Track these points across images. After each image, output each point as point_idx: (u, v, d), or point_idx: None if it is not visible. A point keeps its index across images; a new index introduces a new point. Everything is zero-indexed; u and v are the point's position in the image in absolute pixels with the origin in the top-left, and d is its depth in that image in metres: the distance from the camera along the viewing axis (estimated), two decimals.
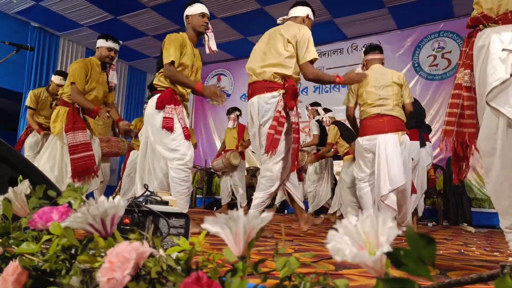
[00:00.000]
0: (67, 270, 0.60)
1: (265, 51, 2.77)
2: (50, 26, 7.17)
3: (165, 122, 2.73)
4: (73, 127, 3.13)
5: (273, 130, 2.57)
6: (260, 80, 2.72)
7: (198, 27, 2.94)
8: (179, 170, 2.73)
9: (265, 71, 2.70)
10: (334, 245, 0.44)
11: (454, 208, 5.38)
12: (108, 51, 3.35)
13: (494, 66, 1.46)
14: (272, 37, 2.78)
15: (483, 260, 1.98)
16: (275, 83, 2.67)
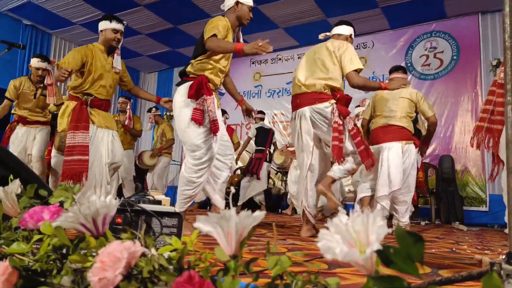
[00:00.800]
0: (58, 270, 0.60)
1: (313, 65, 2.86)
2: (42, 24, 7.11)
3: (195, 114, 2.54)
4: (75, 126, 2.94)
5: (336, 141, 2.64)
6: (310, 91, 2.80)
7: (245, 19, 2.83)
8: (192, 169, 2.57)
9: (315, 83, 2.79)
10: (324, 243, 0.44)
11: (446, 207, 5.43)
12: (114, 33, 3.07)
13: None
14: (319, 52, 2.88)
15: (474, 258, 2.00)
16: (325, 94, 2.77)
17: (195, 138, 2.55)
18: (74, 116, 2.95)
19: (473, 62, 5.98)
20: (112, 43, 3.09)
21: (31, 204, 0.80)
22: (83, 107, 2.98)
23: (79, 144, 2.92)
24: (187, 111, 2.57)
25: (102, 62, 3.06)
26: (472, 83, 5.95)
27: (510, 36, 0.78)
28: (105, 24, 3.10)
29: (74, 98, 3.05)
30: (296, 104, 2.91)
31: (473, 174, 5.74)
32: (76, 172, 2.89)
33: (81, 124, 2.95)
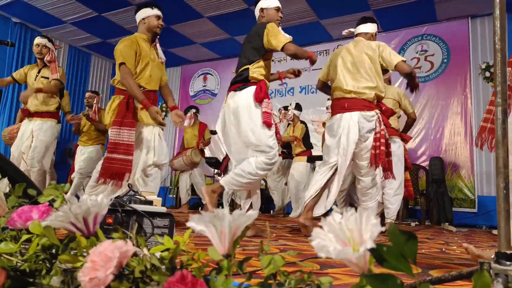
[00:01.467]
0: (47, 270, 0.59)
1: (354, 71, 2.95)
2: (32, 22, 7.03)
3: (266, 117, 2.59)
4: (121, 121, 2.74)
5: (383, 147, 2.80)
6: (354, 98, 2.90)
7: (274, 21, 2.87)
8: (260, 166, 2.58)
9: (364, 92, 2.88)
10: (318, 242, 0.44)
11: (436, 208, 5.48)
12: (157, 19, 2.99)
13: None
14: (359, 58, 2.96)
15: (463, 258, 2.02)
16: (372, 103, 2.89)
17: (268, 140, 2.61)
18: (121, 111, 2.77)
19: (463, 65, 6.06)
20: (156, 30, 2.99)
21: (20, 203, 0.78)
22: (130, 101, 2.81)
23: (124, 142, 2.73)
24: (257, 114, 2.62)
25: (146, 51, 2.92)
26: (462, 86, 6.02)
27: (500, 38, 0.79)
28: (147, 11, 3.02)
29: (121, 91, 2.87)
30: (336, 109, 3.00)
31: (462, 175, 5.80)
32: (118, 172, 2.72)
33: (128, 121, 2.77)
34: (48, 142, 3.88)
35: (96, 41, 7.75)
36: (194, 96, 8.66)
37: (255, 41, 2.72)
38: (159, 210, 1.52)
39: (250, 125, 2.61)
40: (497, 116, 0.70)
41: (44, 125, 3.90)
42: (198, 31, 7.01)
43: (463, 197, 5.72)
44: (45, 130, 3.88)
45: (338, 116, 2.97)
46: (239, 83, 2.72)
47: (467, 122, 5.88)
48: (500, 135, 0.67)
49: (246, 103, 2.64)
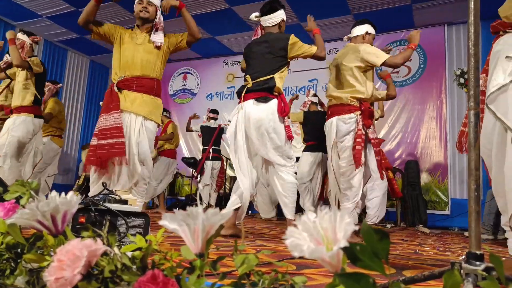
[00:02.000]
0: (11, 270, 0.56)
1: (337, 81, 3.10)
2: (5, 15, 6.81)
3: (289, 131, 2.71)
4: (106, 108, 2.68)
5: (359, 146, 2.87)
6: (338, 103, 3.01)
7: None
8: (292, 176, 2.72)
9: (341, 96, 3.00)
10: (292, 241, 0.44)
11: (411, 210, 5.59)
12: (139, 3, 2.88)
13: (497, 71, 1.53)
14: (340, 68, 3.09)
15: (436, 259, 2.06)
16: (352, 106, 2.96)
17: (289, 152, 2.74)
18: (106, 99, 2.74)
19: (438, 71, 6.21)
20: (139, 14, 2.85)
21: None
22: (112, 90, 2.75)
23: (112, 125, 2.62)
24: (282, 128, 2.70)
25: (132, 38, 2.85)
26: (438, 91, 6.17)
27: (474, 44, 0.81)
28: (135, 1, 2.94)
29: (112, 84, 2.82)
30: (328, 114, 3.13)
31: (436, 178, 5.94)
32: (111, 156, 2.61)
33: (112, 105, 2.68)
34: (21, 137, 3.72)
35: (73, 37, 7.57)
36: (173, 95, 8.58)
37: (277, 52, 2.75)
38: (134, 210, 1.49)
39: (274, 139, 2.67)
40: (470, 119, 0.72)
41: (17, 120, 3.77)
42: (178, 30, 6.91)
43: (437, 199, 5.85)
44: (18, 125, 3.74)
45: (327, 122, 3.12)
46: (261, 92, 2.72)
47: (442, 127, 6.02)
48: (472, 138, 0.68)
49: (272, 117, 2.67)
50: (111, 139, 2.61)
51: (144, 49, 2.81)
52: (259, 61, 2.79)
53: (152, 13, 2.87)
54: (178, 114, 8.39)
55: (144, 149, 2.76)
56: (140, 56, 2.79)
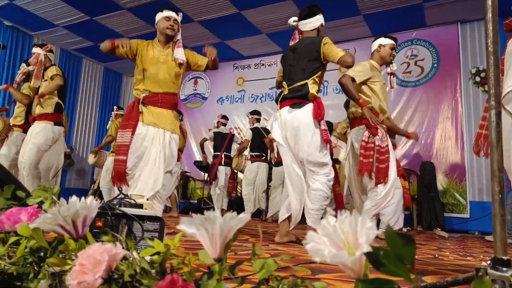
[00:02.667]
0: (35, 273, 0.57)
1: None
2: (24, 25, 6.96)
3: (325, 135, 2.67)
4: (124, 124, 2.80)
5: (362, 157, 2.97)
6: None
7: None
8: (327, 185, 2.68)
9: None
10: (313, 245, 0.43)
11: (428, 213, 5.50)
12: (166, 20, 2.94)
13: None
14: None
15: (456, 265, 2.02)
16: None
17: (325, 158, 2.70)
18: (126, 115, 2.84)
19: (453, 70, 6.12)
20: (165, 31, 2.93)
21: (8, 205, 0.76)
22: (135, 105, 2.84)
23: (124, 143, 2.75)
24: (318, 132, 2.68)
25: (152, 55, 2.91)
26: (452, 91, 6.08)
27: (492, 41, 0.79)
28: (158, 16, 3.01)
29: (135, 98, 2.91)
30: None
31: (453, 180, 5.84)
32: (118, 172, 2.72)
33: (130, 123, 2.78)
34: (40, 145, 3.78)
35: (88, 45, 7.70)
36: (185, 100, 8.64)
37: (312, 55, 2.74)
38: (149, 214, 1.50)
39: (311, 143, 2.66)
40: (491, 119, 0.70)
41: (38, 127, 3.84)
42: (189, 35, 7.00)
43: (455, 202, 5.75)
44: (37, 132, 3.80)
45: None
46: (296, 99, 2.73)
47: (458, 127, 5.92)
48: (494, 138, 0.66)
49: (307, 122, 2.67)
50: (119, 155, 2.75)
51: (168, 66, 2.90)
52: (294, 67, 2.81)
53: (176, 30, 2.97)
54: (189, 118, 8.45)
55: (174, 161, 2.90)
56: (164, 74, 2.88)
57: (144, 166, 2.78)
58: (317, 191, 2.67)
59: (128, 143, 2.74)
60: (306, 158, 2.68)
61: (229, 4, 5.99)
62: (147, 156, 2.78)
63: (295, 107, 2.72)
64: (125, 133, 2.77)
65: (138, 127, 2.79)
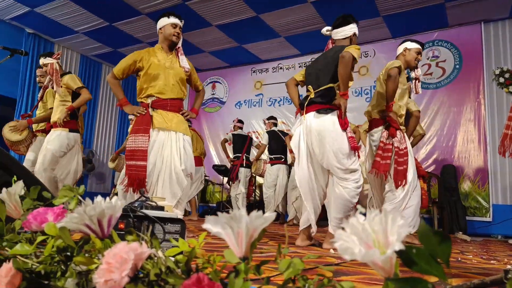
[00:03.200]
0: (62, 272, 0.58)
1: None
2: (45, 32, 7.14)
3: (352, 142, 2.65)
4: (136, 129, 2.80)
5: (378, 158, 3.03)
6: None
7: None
8: (354, 192, 2.63)
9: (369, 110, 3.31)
10: (342, 244, 0.42)
11: (449, 216, 5.38)
12: (173, 27, 2.98)
13: None
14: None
15: (480, 268, 1.97)
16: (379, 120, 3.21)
17: (353, 164, 2.66)
18: (137, 120, 2.84)
19: (475, 71, 5.98)
20: (171, 38, 2.98)
21: (35, 206, 0.78)
22: (146, 110, 2.87)
23: (139, 148, 2.75)
24: (344, 139, 2.65)
25: (159, 61, 2.92)
26: (475, 92, 5.95)
27: None
28: (164, 21, 3.01)
29: (141, 103, 2.95)
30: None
31: (476, 183, 5.70)
32: (135, 178, 2.72)
33: (142, 127, 2.79)
34: (55, 151, 3.85)
35: (107, 50, 7.85)
36: (203, 104, 8.71)
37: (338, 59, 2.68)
38: (171, 216, 1.51)
39: (338, 150, 2.62)
40: None
41: (53, 134, 3.93)
42: (206, 39, 7.05)
43: (477, 205, 5.61)
44: (53, 139, 3.89)
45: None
46: (322, 104, 2.71)
47: (480, 129, 5.78)
48: None
49: (332, 129, 2.64)
50: (137, 161, 2.74)
51: (174, 73, 2.94)
52: (322, 71, 2.79)
53: (180, 38, 3.04)
54: (208, 123, 8.51)
55: (191, 162, 2.91)
56: (171, 80, 2.91)
57: (159, 171, 2.79)
58: (343, 200, 2.62)
59: (145, 148, 2.74)
60: (334, 165, 2.63)
61: (247, 7, 6.01)
62: (160, 161, 2.79)
63: (322, 112, 2.68)
64: (138, 138, 2.76)
65: (151, 132, 2.80)
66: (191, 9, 6.01)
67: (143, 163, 2.73)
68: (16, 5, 6.20)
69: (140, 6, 6.10)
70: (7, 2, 6.11)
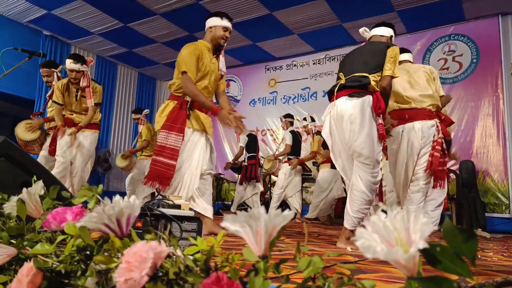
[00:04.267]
0: (82, 271, 0.59)
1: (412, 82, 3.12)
2: (62, 34, 7.26)
3: (381, 129, 2.48)
4: (170, 126, 2.75)
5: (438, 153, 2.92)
6: (419, 107, 3.03)
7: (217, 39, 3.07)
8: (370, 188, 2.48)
9: (424, 101, 3.04)
10: (363, 242, 0.42)
11: (468, 213, 5.28)
12: (224, 31, 2.95)
13: None
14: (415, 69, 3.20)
15: (502, 265, 1.92)
16: (432, 113, 3.04)
17: (378, 155, 2.51)
18: (172, 116, 2.78)
19: (493, 64, 5.85)
20: (220, 41, 2.96)
21: (54, 205, 0.79)
22: (182, 108, 2.82)
23: (170, 146, 2.73)
24: (374, 125, 2.50)
25: (208, 61, 2.90)
26: (493, 87, 5.82)
27: None
28: (216, 21, 2.97)
29: (175, 97, 2.88)
30: (404, 117, 3.05)
31: (495, 179, 5.58)
32: (161, 175, 2.70)
33: (177, 126, 2.75)
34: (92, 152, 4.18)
35: (122, 51, 7.94)
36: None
37: (377, 53, 2.60)
38: (187, 214, 1.52)
39: (367, 136, 2.46)
40: None
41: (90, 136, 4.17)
42: None
43: (497, 202, 5.49)
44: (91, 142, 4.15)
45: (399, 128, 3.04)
46: (355, 88, 2.54)
47: (499, 124, 5.66)
48: None
49: (364, 112, 2.48)
50: (165, 158, 2.72)
51: (215, 75, 2.99)
52: (357, 60, 2.67)
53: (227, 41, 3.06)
54: None
55: (215, 162, 3.05)
56: (212, 82, 2.97)
57: (186, 170, 2.81)
58: (359, 192, 2.46)
59: (177, 148, 2.73)
60: (358, 151, 2.47)
61: (260, 5, 6.00)
62: (189, 160, 2.82)
63: (354, 96, 2.52)
64: (172, 135, 2.74)
65: (185, 131, 2.79)
66: (204, 8, 6.03)
67: (173, 162, 2.72)
68: (33, 8, 6.32)
69: (154, 7, 6.15)
70: (24, 6, 6.23)
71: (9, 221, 0.80)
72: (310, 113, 6.87)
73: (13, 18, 6.67)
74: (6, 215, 0.81)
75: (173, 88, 2.91)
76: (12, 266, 0.68)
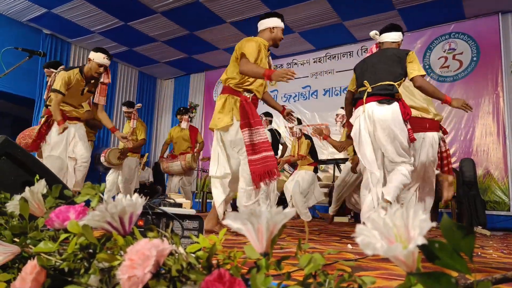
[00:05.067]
0: (85, 269, 0.59)
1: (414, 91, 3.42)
2: (62, 33, 7.26)
3: (411, 134, 2.80)
4: (249, 122, 2.73)
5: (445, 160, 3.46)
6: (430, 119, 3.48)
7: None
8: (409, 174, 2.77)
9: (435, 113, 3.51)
10: (363, 239, 0.42)
11: (468, 211, 5.29)
12: (281, 33, 3.06)
13: None
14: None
15: (501, 262, 1.93)
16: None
17: (410, 159, 2.82)
18: (244, 112, 2.77)
19: (493, 63, 5.85)
20: (278, 42, 3.05)
21: (57, 204, 0.80)
22: (249, 102, 2.84)
23: (259, 141, 2.74)
24: (405, 130, 2.78)
25: (264, 58, 2.92)
26: (493, 85, 5.82)
27: None
28: (278, 22, 3.00)
29: (234, 92, 2.87)
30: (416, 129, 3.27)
31: (495, 177, 5.59)
32: (268, 170, 2.69)
33: (254, 120, 2.77)
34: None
35: (123, 50, 7.94)
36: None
37: (396, 63, 2.83)
38: (189, 213, 1.53)
39: (401, 139, 2.74)
40: None
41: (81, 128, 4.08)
42: (220, 36, 7.06)
43: (497, 199, 5.50)
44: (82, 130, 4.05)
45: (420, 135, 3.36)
46: (384, 96, 2.79)
47: (499, 122, 5.66)
48: None
49: (396, 118, 2.75)
50: (264, 152, 2.74)
51: None
52: (379, 68, 2.86)
53: None
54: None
55: None
56: (264, 82, 3.02)
57: None
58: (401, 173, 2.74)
59: (266, 138, 2.81)
60: (392, 155, 2.77)
61: (260, 4, 6.00)
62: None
63: (384, 102, 2.77)
64: (260, 130, 2.78)
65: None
66: (204, 6, 6.02)
67: (270, 153, 2.76)
68: (33, 7, 6.31)
69: (154, 5, 6.15)
70: (24, 4, 6.23)
71: (12, 219, 0.80)
72: (311, 111, 6.87)
73: (13, 17, 6.67)
74: (9, 213, 0.82)
75: (232, 83, 2.91)
76: (16, 265, 0.69)
